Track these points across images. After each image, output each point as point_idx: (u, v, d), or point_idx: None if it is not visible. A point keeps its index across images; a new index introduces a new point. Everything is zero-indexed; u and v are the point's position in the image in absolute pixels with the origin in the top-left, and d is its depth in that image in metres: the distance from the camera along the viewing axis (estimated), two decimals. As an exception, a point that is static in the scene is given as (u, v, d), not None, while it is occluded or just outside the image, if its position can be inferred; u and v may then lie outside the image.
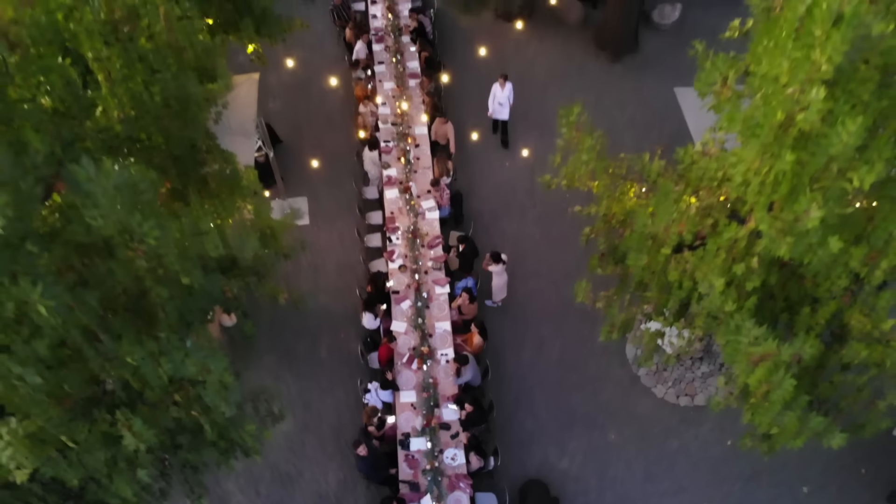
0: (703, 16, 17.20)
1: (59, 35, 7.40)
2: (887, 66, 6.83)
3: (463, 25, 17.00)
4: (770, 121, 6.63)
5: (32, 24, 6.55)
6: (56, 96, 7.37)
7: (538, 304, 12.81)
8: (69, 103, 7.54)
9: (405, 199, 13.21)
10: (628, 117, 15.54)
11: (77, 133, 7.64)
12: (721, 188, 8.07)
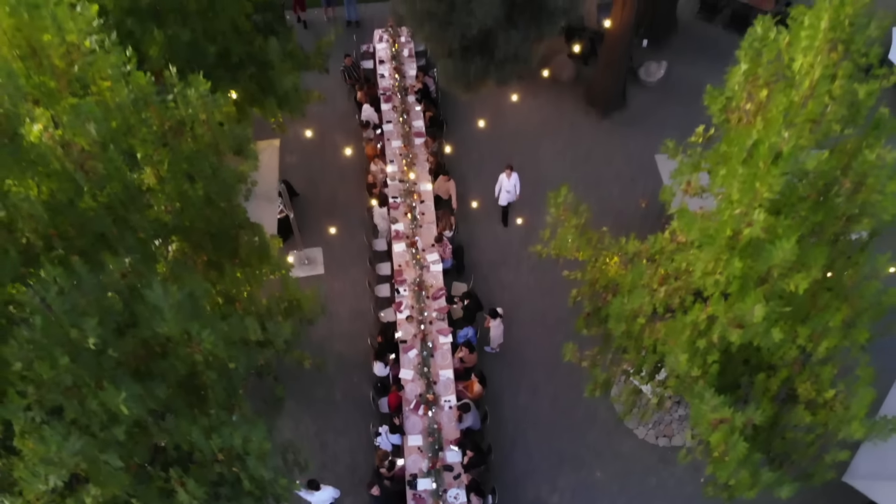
0: (688, 70, 18.54)
1: (119, 147, 8.71)
2: (822, 185, 8.17)
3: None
4: (721, 234, 7.94)
5: (103, 155, 7.80)
6: (117, 199, 8.67)
7: (533, 350, 14.12)
8: (127, 203, 8.83)
9: (411, 253, 14.51)
10: (615, 171, 16.84)
11: (131, 225, 8.94)
12: (686, 276, 9.35)
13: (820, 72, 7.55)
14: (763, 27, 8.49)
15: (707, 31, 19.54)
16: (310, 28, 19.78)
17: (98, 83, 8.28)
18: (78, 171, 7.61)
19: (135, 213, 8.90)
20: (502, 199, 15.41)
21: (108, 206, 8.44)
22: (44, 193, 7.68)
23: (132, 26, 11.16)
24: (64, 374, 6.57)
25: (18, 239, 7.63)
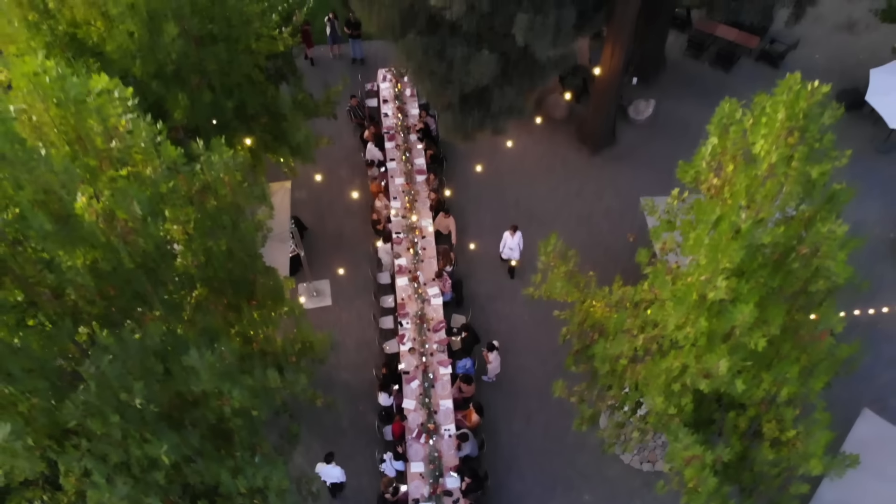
0: (676, 107, 19.55)
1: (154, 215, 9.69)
2: (780, 253, 9.16)
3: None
4: (689, 296, 8.94)
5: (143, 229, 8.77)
6: (150, 260, 9.65)
7: (527, 379, 15.11)
8: (159, 261, 9.82)
9: (413, 287, 15.51)
10: (605, 206, 17.84)
11: (162, 280, 9.93)
12: (661, 326, 10.34)
13: (777, 156, 8.55)
14: (730, 107, 9.49)
15: (694, 67, 20.53)
16: (317, 65, 20.77)
17: (133, 157, 9.28)
18: (120, 242, 8.59)
19: (165, 270, 9.89)
20: (505, 254, 16.15)
21: (143, 266, 9.43)
22: (89, 262, 8.67)
23: (157, 88, 12.14)
24: (114, 429, 7.57)
25: (66, 303, 8.62)
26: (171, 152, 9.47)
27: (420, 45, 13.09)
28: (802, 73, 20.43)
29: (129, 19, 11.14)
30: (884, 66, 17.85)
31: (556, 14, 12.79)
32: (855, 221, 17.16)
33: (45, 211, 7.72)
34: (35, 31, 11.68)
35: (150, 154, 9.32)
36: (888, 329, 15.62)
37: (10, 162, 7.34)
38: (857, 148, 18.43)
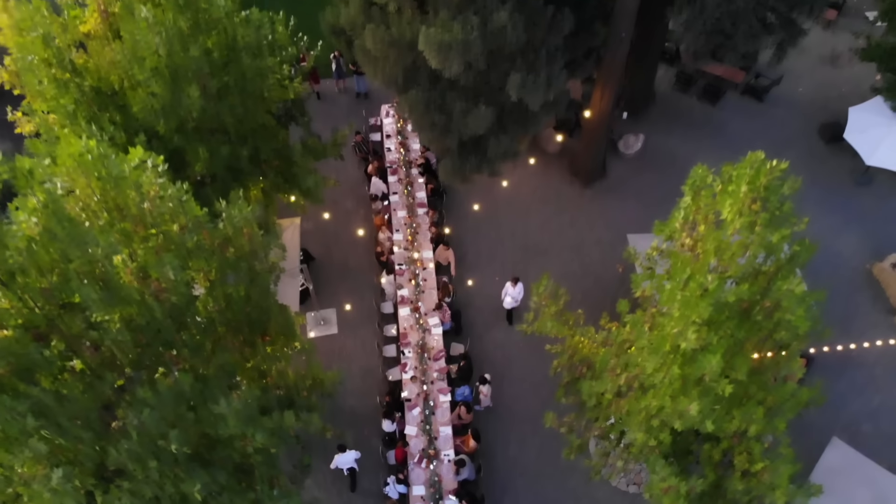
0: (664, 140, 20.55)
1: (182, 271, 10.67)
2: (745, 307, 10.16)
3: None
4: (663, 346, 9.94)
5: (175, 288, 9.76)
6: (178, 310, 10.63)
7: (521, 404, 16.11)
8: (184, 310, 10.80)
9: (415, 318, 16.51)
10: (596, 236, 18.84)
11: (187, 326, 10.92)
12: (641, 368, 11.33)
13: (741, 223, 9.55)
14: (702, 172, 10.49)
15: (682, 101, 21.52)
16: (323, 99, 21.78)
17: (163, 217, 10.27)
18: (154, 300, 9.59)
19: (190, 317, 10.89)
20: (507, 303, 16.99)
21: (171, 315, 10.43)
22: (125, 317, 9.66)
23: (179, 142, 13.14)
24: (152, 471, 8.58)
25: (105, 354, 9.62)
26: (196, 211, 10.48)
27: (421, 99, 14.09)
28: (786, 107, 21.89)
29: (154, 82, 12.13)
30: (861, 105, 18.79)
31: (547, 70, 13.80)
32: (833, 252, 18.36)
33: (91, 279, 8.72)
34: (64, 89, 12.65)
35: (177, 213, 10.33)
36: (862, 356, 16.59)
37: (60, 239, 8.34)
38: (837, 180, 19.75)
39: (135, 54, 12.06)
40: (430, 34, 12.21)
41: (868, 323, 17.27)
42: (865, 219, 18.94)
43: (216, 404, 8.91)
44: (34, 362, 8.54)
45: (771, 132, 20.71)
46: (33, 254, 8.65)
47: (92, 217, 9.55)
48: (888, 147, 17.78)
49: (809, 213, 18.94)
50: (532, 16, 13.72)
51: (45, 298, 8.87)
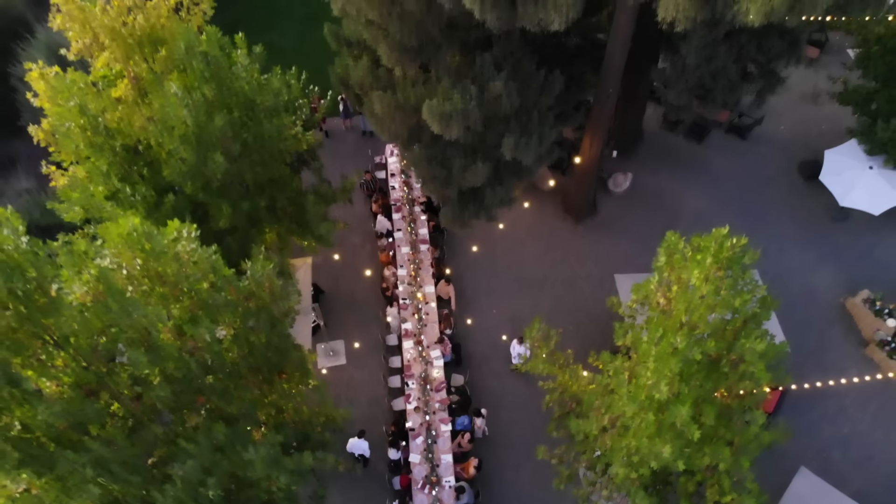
0: (651, 178, 21.81)
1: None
2: (711, 361, 11.42)
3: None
4: (638, 396, 11.21)
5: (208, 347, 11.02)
6: (213, 355, 11.88)
7: (517, 433, 17.37)
8: (213, 359, 12.07)
9: (418, 351, 17.78)
10: (587, 271, 20.10)
11: (209, 367, 12.19)
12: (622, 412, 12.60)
13: (706, 289, 10.81)
14: (675, 239, 11.74)
15: (669, 139, 22.75)
16: (331, 136, 23.04)
17: (196, 280, 11.54)
18: (190, 358, 10.86)
19: (217, 364, 12.16)
20: (514, 359, 18.10)
21: (202, 366, 11.71)
22: (164, 373, 10.94)
23: (204, 198, 14.42)
24: (194, 513, 9.87)
25: (146, 403, 10.90)
26: (225, 271, 11.76)
27: (424, 155, 15.37)
28: (768, 145, 23.26)
29: (182, 149, 13.40)
30: (837, 148, 20.00)
31: (539, 130, 15.07)
32: (809, 286, 19.59)
33: (136, 343, 10.00)
34: (99, 151, 13.92)
35: (207, 273, 11.61)
36: (834, 386, 17.80)
37: (112, 310, 9.61)
38: (815, 216, 21.03)
39: (165, 124, 13.33)
40: (432, 106, 13.47)
41: (841, 354, 18.53)
42: (840, 254, 20.18)
43: (245, 451, 10.18)
44: (87, 416, 9.81)
45: (753, 170, 21.96)
46: (86, 320, 9.92)
47: (135, 284, 10.82)
48: (861, 189, 19.02)
49: (788, 248, 20.46)
50: (525, 80, 14.99)
51: (95, 358, 10.15)
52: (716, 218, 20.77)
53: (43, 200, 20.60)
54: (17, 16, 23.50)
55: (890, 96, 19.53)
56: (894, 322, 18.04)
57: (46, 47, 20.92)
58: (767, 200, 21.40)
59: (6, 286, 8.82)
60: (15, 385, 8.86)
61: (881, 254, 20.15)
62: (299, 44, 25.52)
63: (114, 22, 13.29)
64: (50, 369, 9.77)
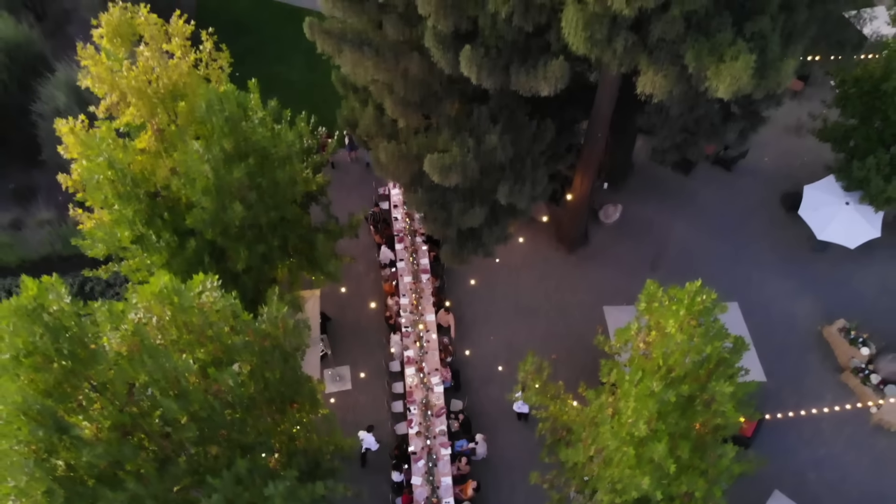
0: (640, 209, 22.95)
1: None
2: (686, 400, 12.56)
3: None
4: (620, 433, 12.36)
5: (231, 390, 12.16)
6: (235, 397, 13.02)
7: (513, 454, 18.52)
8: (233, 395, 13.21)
9: (420, 377, 18.94)
10: (579, 299, 21.23)
11: (230, 403, 13.33)
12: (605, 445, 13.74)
13: (681, 337, 11.96)
14: (654, 288, 12.88)
15: (658, 170, 23.77)
16: (337, 168, 24.16)
17: (219, 326, 12.68)
18: (215, 399, 12.01)
19: (236, 400, 13.30)
20: (517, 407, 19.06)
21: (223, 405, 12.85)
22: (190, 413, 12.09)
23: (222, 242, 15.55)
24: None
25: (174, 441, 12.05)
26: (244, 317, 12.92)
27: (425, 199, 16.52)
28: (752, 176, 24.45)
29: (204, 200, 14.54)
30: (816, 183, 21.11)
31: (532, 176, 16.22)
32: (789, 314, 20.68)
33: (166, 390, 11.15)
34: (125, 200, 15.05)
35: (227, 318, 12.76)
36: (810, 410, 18.94)
37: (147, 364, 10.76)
38: (796, 246, 22.18)
39: (188, 177, 14.48)
40: (433, 160, 14.61)
41: (817, 380, 19.67)
42: (819, 284, 21.32)
43: (265, 486, 11.34)
44: (125, 455, 10.96)
45: (737, 201, 23.10)
46: (121, 368, 11.07)
47: (164, 333, 11.97)
48: (838, 224, 20.15)
49: (770, 276, 21.60)
50: (519, 130, 16.14)
51: (129, 402, 11.31)
52: (701, 248, 22.05)
53: (64, 232, 21.82)
54: (36, 52, 24.60)
55: (867, 134, 20.66)
56: (868, 350, 19.19)
57: (66, 85, 21.99)
58: (751, 231, 22.54)
59: (54, 345, 9.98)
60: (64, 432, 10.00)
61: (858, 283, 21.29)
62: (306, 76, 26.65)
63: (140, 83, 14.41)
64: (90, 413, 10.95)
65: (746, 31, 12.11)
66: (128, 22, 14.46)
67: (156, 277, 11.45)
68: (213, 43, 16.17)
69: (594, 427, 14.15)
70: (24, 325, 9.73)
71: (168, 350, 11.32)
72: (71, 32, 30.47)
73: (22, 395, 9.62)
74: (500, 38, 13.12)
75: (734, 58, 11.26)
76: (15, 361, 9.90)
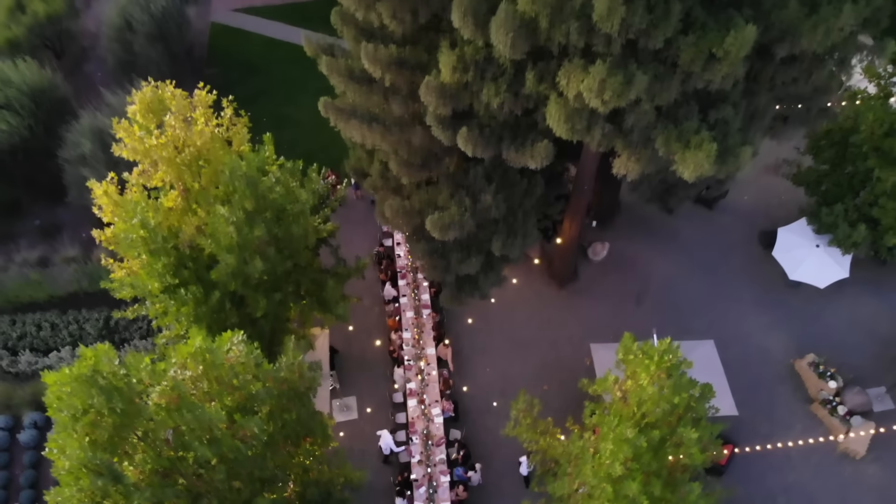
0: (627, 247, 24.56)
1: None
2: (660, 440, 14.17)
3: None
4: (600, 472, 13.96)
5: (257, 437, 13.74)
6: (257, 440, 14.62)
7: (507, 480, 20.10)
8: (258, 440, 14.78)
9: (421, 409, 20.54)
10: (569, 333, 22.82)
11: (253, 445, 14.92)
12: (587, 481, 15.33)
13: (652, 388, 13.56)
14: (630, 341, 14.48)
15: (643, 210, 25.29)
16: (342, 204, 25.66)
17: (244, 375, 14.26)
18: (242, 444, 13.60)
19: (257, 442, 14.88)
20: (522, 469, 20.27)
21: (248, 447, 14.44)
22: (219, 456, 13.67)
23: (242, 291, 17.14)
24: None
25: (204, 479, 13.64)
26: (265, 366, 14.52)
27: (426, 249, 18.13)
28: (732, 214, 26.14)
29: (228, 256, 16.13)
30: (789, 226, 22.69)
31: (523, 230, 17.83)
32: (763, 347, 22.25)
33: (202, 438, 12.74)
34: (156, 257, 16.62)
35: (251, 369, 14.36)
36: (781, 439, 20.51)
37: (185, 416, 12.35)
38: (771, 282, 23.79)
39: (214, 237, 16.06)
40: (434, 220, 16.20)
41: (788, 410, 21.26)
42: (792, 319, 22.91)
43: (287, 522, 12.94)
44: (167, 497, 12.56)
45: (717, 239, 24.71)
46: (162, 418, 12.67)
47: (197, 386, 13.56)
48: (808, 265, 21.74)
49: (747, 310, 23.22)
50: (511, 187, 17.74)
51: (168, 447, 12.90)
52: (683, 284, 23.66)
53: (90, 269, 23.42)
54: (59, 96, 26.19)
55: (838, 180, 22.28)
56: (835, 384, 20.79)
57: (90, 132, 23.53)
58: (730, 267, 24.15)
59: (108, 405, 11.57)
60: (118, 481, 11.59)
61: (828, 318, 22.89)
62: (315, 116, 28.08)
63: (169, 153, 16.00)
64: (134, 458, 12.55)
65: (711, 118, 13.74)
66: (158, 98, 16.04)
67: (192, 340, 13.05)
68: (234, 109, 17.78)
69: (578, 463, 15.75)
70: (83, 388, 11.31)
71: (201, 400, 12.91)
72: (88, 70, 32.26)
73: (83, 450, 11.21)
74: (492, 119, 14.73)
75: (698, 146, 12.86)
76: (74, 419, 11.49)
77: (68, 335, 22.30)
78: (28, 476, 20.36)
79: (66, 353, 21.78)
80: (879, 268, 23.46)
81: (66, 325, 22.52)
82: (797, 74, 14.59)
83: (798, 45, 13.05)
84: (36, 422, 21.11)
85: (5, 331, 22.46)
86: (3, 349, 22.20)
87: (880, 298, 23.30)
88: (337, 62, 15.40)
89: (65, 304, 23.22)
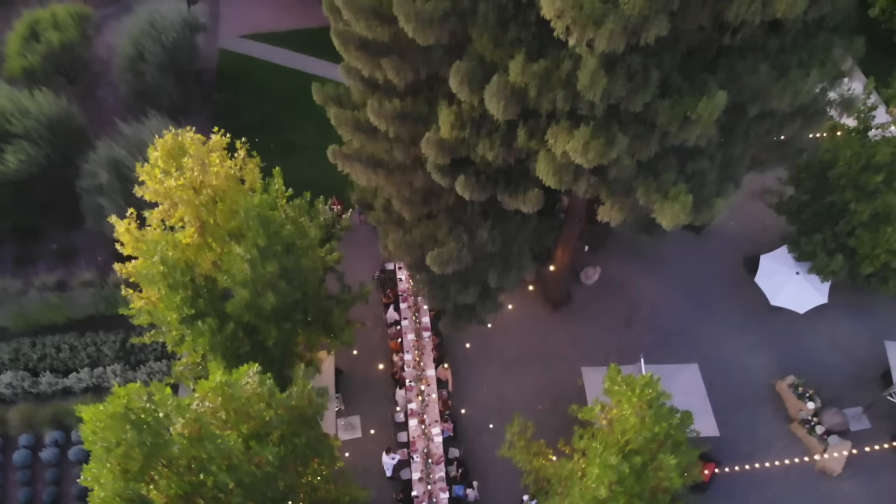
0: (617, 270, 25.75)
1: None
2: (642, 464, 15.37)
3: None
4: (587, 495, 15.14)
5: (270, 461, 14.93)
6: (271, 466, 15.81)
7: (502, 497, 21.30)
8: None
9: (421, 429, 21.73)
10: (563, 353, 24.01)
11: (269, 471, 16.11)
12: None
13: (634, 418, 14.76)
14: (615, 372, 15.68)
15: (634, 235, 26.64)
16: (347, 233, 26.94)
17: (258, 404, 15.44)
18: (255, 468, 14.78)
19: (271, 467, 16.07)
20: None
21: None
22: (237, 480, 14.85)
23: (255, 322, 18.33)
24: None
25: (222, 501, 14.82)
26: (278, 395, 15.72)
27: (427, 280, 19.32)
28: (718, 239, 27.52)
29: (242, 290, 17.31)
30: (771, 253, 23.86)
31: (518, 262, 19.03)
32: (746, 367, 23.42)
33: (221, 465, 13.93)
34: (175, 291, 17.78)
35: (264, 397, 15.55)
36: (762, 458, 21.69)
37: (207, 448, 13.53)
38: (755, 305, 25.01)
39: (229, 273, 17.25)
40: (433, 256, 17.38)
41: (769, 430, 22.44)
42: (774, 341, 24.10)
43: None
44: (189, 519, 13.76)
45: (704, 263, 25.89)
46: (185, 447, 13.85)
47: (216, 417, 14.75)
48: (789, 291, 22.92)
49: (731, 332, 24.40)
50: (506, 223, 18.93)
51: (190, 473, 14.09)
52: (671, 307, 24.86)
53: (107, 294, 24.58)
54: (75, 125, 27.33)
55: (818, 210, 23.45)
56: (813, 405, 21.97)
57: (107, 163, 24.65)
58: (716, 290, 25.33)
59: (139, 440, 12.76)
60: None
61: (809, 340, 24.09)
62: (319, 142, 29.27)
63: (189, 195, 17.20)
64: (159, 483, 13.74)
65: (688, 170, 14.94)
66: (178, 145, 17.24)
67: (213, 375, 14.25)
68: (246, 150, 18.99)
69: (568, 484, 16.94)
70: (117, 424, 12.50)
71: (220, 429, 14.10)
72: (100, 95, 33.42)
73: (116, 480, 12.41)
74: (488, 166, 15.93)
75: (675, 197, 14.05)
76: (107, 451, 12.68)
77: (87, 356, 23.49)
78: (50, 492, 21.54)
79: (85, 375, 22.97)
80: (858, 292, 24.60)
81: (84, 346, 23.70)
82: (769, 127, 15.79)
83: (768, 105, 14.25)
84: (57, 440, 22.29)
85: (26, 352, 23.64)
86: (25, 370, 23.39)
87: (859, 322, 24.49)
88: (344, 114, 16.59)
89: (83, 326, 24.37)
